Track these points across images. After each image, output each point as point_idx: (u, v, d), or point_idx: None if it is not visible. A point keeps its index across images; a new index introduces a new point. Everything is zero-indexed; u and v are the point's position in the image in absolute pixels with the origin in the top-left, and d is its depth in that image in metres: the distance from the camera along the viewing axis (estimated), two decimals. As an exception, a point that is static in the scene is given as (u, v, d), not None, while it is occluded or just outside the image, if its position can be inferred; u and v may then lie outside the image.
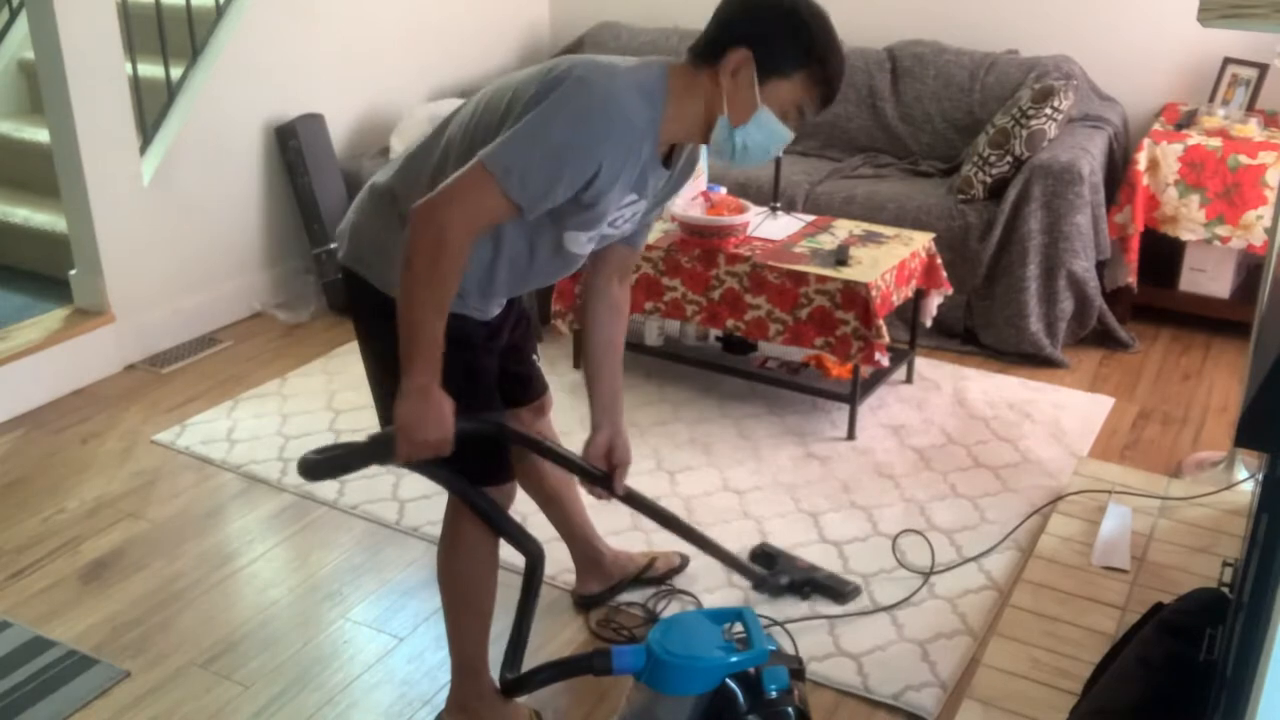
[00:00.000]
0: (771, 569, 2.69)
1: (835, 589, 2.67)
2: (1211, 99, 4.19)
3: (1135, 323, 4.13)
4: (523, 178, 1.74)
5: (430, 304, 1.77)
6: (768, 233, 3.54)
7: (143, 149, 3.85)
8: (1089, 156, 3.84)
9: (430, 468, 2.00)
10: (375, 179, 2.05)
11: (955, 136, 4.40)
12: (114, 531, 2.94)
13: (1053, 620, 2.58)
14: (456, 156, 1.88)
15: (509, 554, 2.14)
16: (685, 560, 2.75)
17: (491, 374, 2.11)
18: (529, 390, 2.33)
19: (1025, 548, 2.87)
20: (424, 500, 3.05)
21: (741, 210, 3.51)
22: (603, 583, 2.63)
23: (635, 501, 2.29)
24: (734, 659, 1.90)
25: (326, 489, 3.11)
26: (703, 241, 3.42)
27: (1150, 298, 4.16)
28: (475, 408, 1.99)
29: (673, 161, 1.99)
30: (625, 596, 2.65)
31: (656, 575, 2.69)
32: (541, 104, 1.77)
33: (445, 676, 2.36)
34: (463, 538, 2.14)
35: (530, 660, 2.34)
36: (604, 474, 2.19)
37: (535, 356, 2.36)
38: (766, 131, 1.85)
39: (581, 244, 1.97)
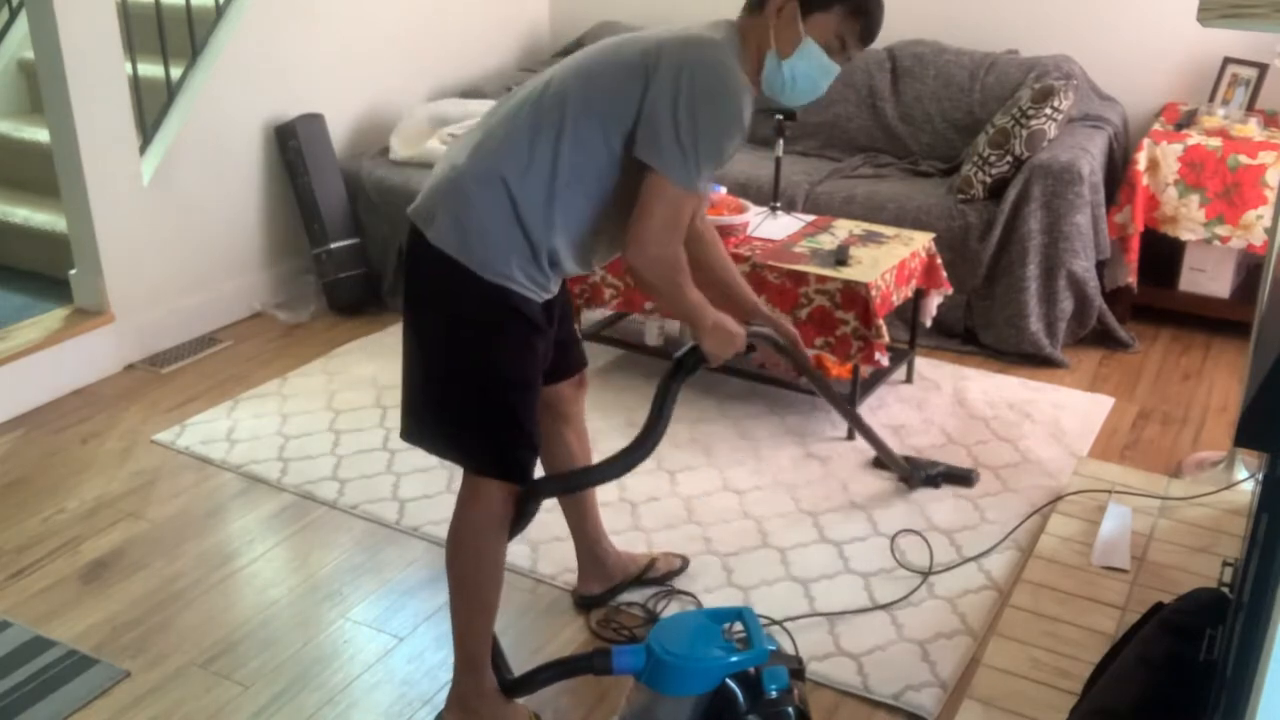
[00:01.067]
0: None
1: (961, 476, 3.12)
2: (1211, 99, 4.19)
3: (1135, 323, 4.13)
4: (701, 172, 1.96)
5: (687, 292, 2.08)
6: (768, 232, 3.54)
7: (143, 149, 3.85)
8: (1089, 156, 3.84)
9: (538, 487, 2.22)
10: (465, 164, 2.01)
11: (955, 136, 4.40)
12: (114, 531, 2.94)
13: (1053, 620, 2.58)
14: (574, 140, 1.98)
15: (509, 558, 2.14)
16: (685, 562, 2.75)
17: (549, 356, 2.20)
18: (573, 359, 2.40)
19: (1025, 548, 2.87)
20: (424, 500, 3.05)
21: (741, 210, 3.51)
22: (604, 584, 2.63)
23: (815, 379, 2.73)
24: (734, 659, 1.90)
25: (326, 489, 3.11)
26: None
27: (1150, 298, 4.16)
28: (534, 387, 2.12)
29: None
30: (625, 596, 2.65)
31: (656, 576, 2.69)
32: (678, 98, 1.92)
33: (445, 676, 2.37)
34: (473, 530, 2.15)
35: (530, 660, 2.35)
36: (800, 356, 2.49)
37: (575, 325, 2.47)
38: (812, 63, 2.04)
39: None
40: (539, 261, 2.02)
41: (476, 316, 2.03)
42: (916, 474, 3.08)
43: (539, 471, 2.45)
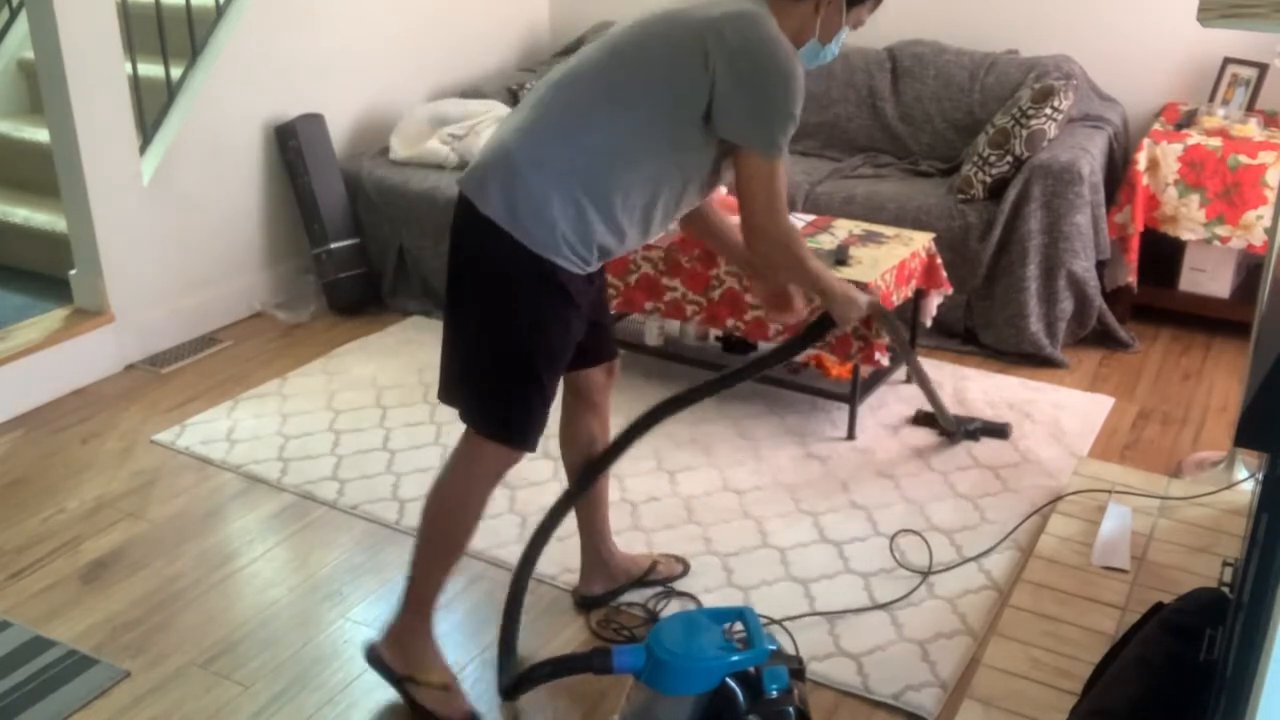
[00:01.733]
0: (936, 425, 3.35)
1: (996, 430, 3.34)
2: (1211, 99, 4.19)
3: (1135, 323, 4.13)
4: (783, 138, 2.07)
5: (809, 262, 2.19)
6: (768, 233, 3.54)
7: (143, 149, 3.85)
8: (1089, 156, 3.84)
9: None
10: (515, 146, 2.08)
11: (955, 136, 4.40)
12: (114, 531, 2.94)
13: (1053, 620, 2.58)
14: (638, 122, 2.06)
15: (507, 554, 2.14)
16: (686, 566, 2.75)
17: (581, 331, 2.24)
18: (606, 345, 2.44)
19: (1025, 548, 2.87)
20: (424, 501, 3.04)
21: (741, 210, 3.50)
22: (606, 584, 2.63)
23: (895, 332, 3.03)
24: (734, 658, 1.90)
25: (326, 489, 3.11)
26: (703, 242, 3.42)
27: (1150, 298, 4.16)
28: (561, 360, 2.18)
29: None
30: (625, 597, 2.65)
31: (657, 579, 2.69)
32: (745, 77, 2.02)
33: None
34: (465, 486, 2.23)
35: (530, 660, 2.35)
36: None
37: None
38: (838, 43, 2.22)
39: (729, 174, 2.18)
40: (589, 243, 2.09)
41: (519, 285, 2.08)
42: (960, 429, 3.29)
43: (553, 462, 2.48)
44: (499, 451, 2.19)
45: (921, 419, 3.43)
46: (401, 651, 2.30)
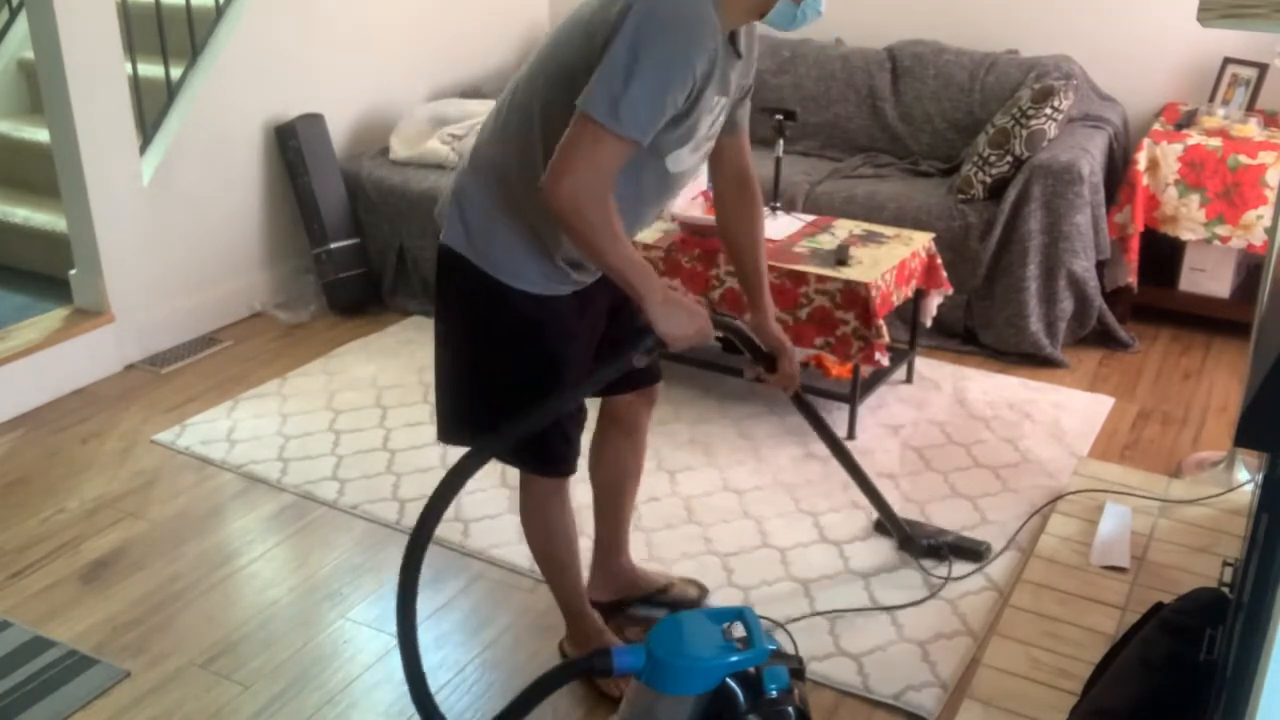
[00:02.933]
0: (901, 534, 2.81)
1: (971, 549, 2.80)
2: (1211, 99, 4.19)
3: (1135, 323, 4.13)
4: (631, 111, 1.77)
5: (609, 246, 1.85)
6: (768, 232, 3.53)
7: (143, 149, 3.85)
8: (1089, 156, 3.84)
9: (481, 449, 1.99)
10: (467, 164, 2.09)
11: (955, 136, 4.40)
12: (114, 531, 2.94)
13: (1053, 620, 2.58)
14: (543, 109, 1.93)
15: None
16: (703, 592, 2.67)
17: (578, 360, 2.14)
18: (646, 370, 2.30)
19: (1025, 548, 2.87)
20: (424, 500, 3.03)
21: (741, 210, 3.50)
22: (612, 594, 2.60)
23: (802, 404, 2.48)
24: (734, 658, 1.90)
25: (326, 489, 3.11)
26: (703, 241, 3.42)
27: (1150, 298, 4.16)
28: (552, 384, 2.06)
29: (739, 46, 2.01)
30: (638, 609, 2.63)
31: (667, 600, 2.63)
32: (621, 34, 1.79)
33: (445, 676, 2.40)
34: (528, 515, 2.30)
35: (530, 661, 2.35)
36: (768, 355, 2.30)
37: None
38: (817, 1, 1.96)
39: (684, 160, 2.00)
40: (552, 257, 2.02)
41: (492, 316, 2.05)
42: (917, 540, 2.79)
43: (583, 478, 2.41)
44: (543, 481, 2.22)
45: (883, 527, 2.89)
46: (585, 648, 2.38)
